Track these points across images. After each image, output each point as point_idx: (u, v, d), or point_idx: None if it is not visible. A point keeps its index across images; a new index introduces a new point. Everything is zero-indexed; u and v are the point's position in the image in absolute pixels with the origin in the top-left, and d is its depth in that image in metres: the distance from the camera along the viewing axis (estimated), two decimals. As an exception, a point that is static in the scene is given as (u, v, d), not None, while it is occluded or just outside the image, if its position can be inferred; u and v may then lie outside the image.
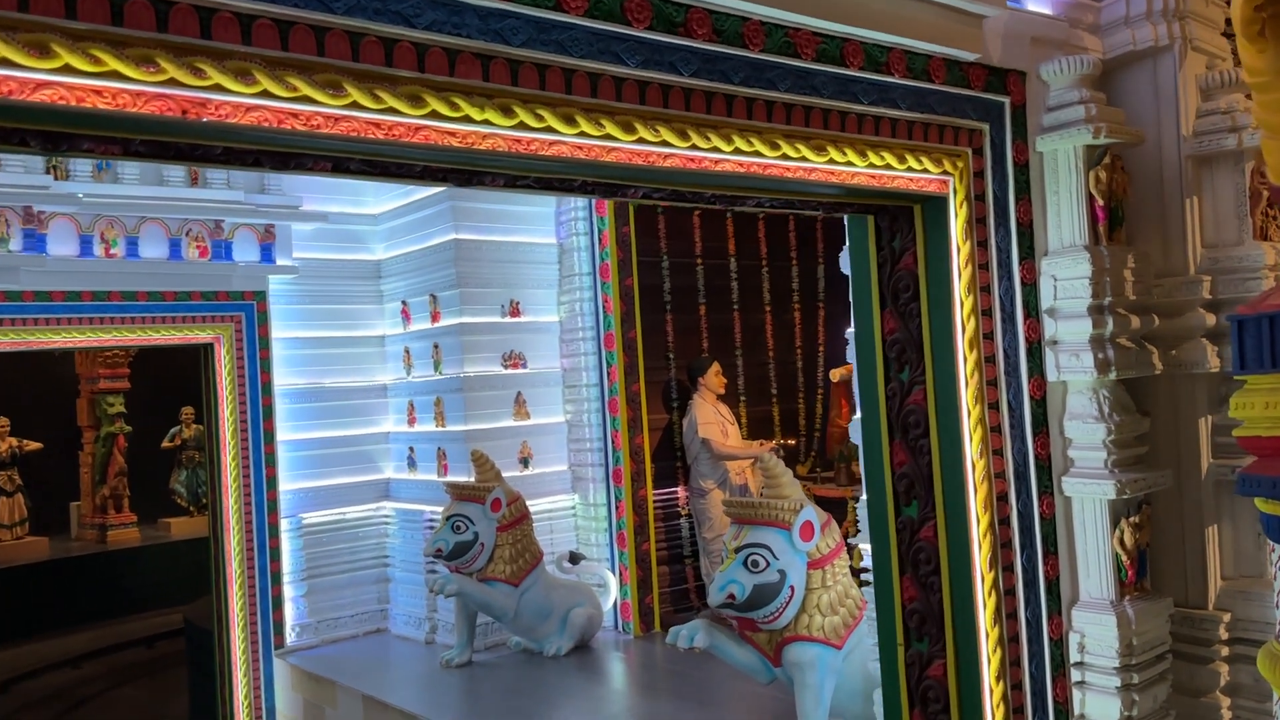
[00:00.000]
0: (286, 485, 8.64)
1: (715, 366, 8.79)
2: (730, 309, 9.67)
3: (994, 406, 3.99)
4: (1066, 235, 4.13)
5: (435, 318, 8.58)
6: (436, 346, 8.57)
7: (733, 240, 9.70)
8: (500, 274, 8.51)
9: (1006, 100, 4.05)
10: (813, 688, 5.49)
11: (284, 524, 8.61)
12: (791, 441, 9.49)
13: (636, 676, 7.68)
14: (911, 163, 3.71)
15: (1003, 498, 3.99)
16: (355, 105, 2.56)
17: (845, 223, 5.41)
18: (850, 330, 5.75)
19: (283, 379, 8.68)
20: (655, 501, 8.58)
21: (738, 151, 3.24)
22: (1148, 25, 4.38)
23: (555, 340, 8.80)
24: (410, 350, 8.90)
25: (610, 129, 2.97)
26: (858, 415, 6.01)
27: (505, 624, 7.88)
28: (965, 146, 3.92)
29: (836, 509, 7.70)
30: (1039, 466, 4.06)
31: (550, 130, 2.87)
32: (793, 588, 5.49)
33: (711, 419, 8.62)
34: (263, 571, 8.48)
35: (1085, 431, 4.09)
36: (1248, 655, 4.27)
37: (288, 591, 8.60)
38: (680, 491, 8.97)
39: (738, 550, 5.54)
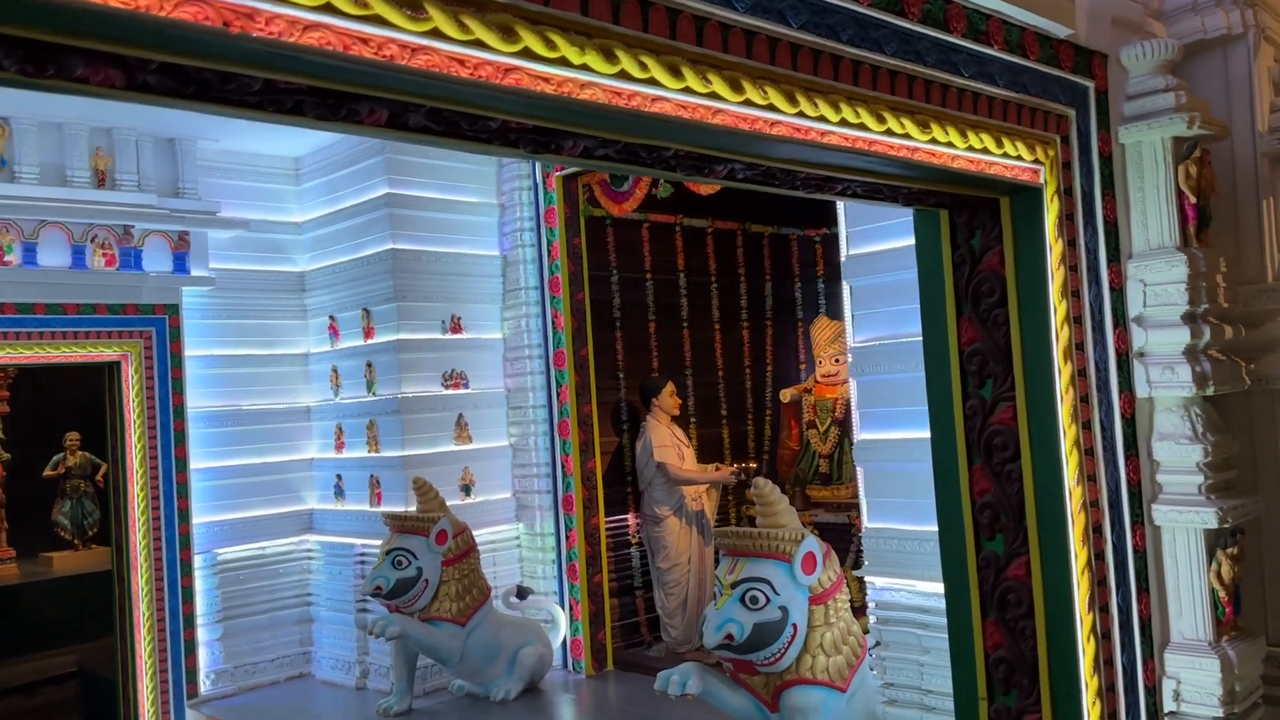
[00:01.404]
0: (200, 518, 7.79)
1: (670, 387, 8.30)
2: (680, 326, 9.24)
3: (1087, 426, 3.53)
4: (1154, 236, 3.71)
5: (369, 334, 7.88)
6: (370, 365, 7.87)
7: (681, 255, 9.29)
8: (441, 287, 7.87)
9: (1091, 85, 3.62)
10: (816, 734, 5.01)
11: (197, 560, 7.77)
12: (753, 464, 9.02)
13: (592, 720, 7.10)
14: (1008, 148, 3.25)
15: (1097, 529, 3.52)
16: (437, 34, 1.96)
17: (830, 221, 4.96)
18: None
19: (196, 401, 7.85)
20: (605, 530, 8.00)
21: (844, 123, 2.73)
22: (1219, 12, 4.03)
23: (499, 358, 8.18)
24: (339, 369, 8.17)
25: (717, 85, 2.42)
26: (859, 436, 5.57)
27: (450, 667, 7.20)
28: (1054, 133, 3.47)
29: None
30: (1130, 494, 3.61)
31: (653, 83, 2.30)
32: (795, 626, 5.01)
33: (667, 442, 8.12)
34: (174, 613, 7.62)
35: (1177, 454, 3.65)
36: (1338, 699, 3.91)
37: (201, 635, 7.76)
38: (630, 519, 8.45)
39: (734, 585, 5.03)
